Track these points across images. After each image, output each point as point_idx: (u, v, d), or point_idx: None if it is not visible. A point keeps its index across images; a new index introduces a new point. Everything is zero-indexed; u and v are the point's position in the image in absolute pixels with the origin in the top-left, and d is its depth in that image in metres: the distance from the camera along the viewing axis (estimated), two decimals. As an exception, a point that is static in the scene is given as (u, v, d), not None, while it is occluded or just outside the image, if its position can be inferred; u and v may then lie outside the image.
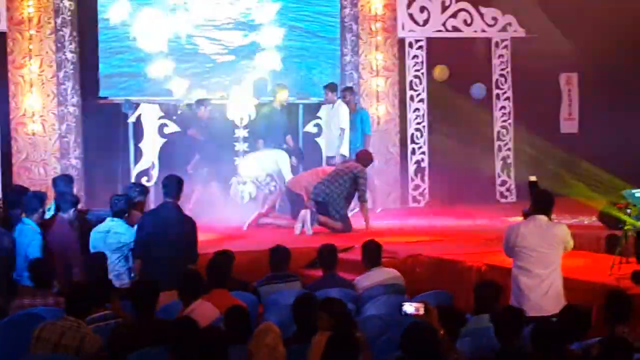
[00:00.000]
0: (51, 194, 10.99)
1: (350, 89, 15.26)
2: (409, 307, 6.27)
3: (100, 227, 9.72)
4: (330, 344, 5.79)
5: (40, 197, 9.94)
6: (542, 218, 8.16)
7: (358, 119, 14.93)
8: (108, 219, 9.73)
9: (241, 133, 14.86)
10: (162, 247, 9.24)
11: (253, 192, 13.93)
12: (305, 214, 12.85)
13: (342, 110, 14.69)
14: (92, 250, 9.51)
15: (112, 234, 9.60)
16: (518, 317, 6.49)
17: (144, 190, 10.62)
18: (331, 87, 14.86)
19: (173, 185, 9.58)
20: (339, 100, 14.75)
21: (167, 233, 9.31)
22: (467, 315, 7.52)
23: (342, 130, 14.67)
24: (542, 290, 7.94)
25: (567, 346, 6.14)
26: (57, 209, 9.98)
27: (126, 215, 9.73)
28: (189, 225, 9.49)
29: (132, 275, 9.50)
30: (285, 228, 13.23)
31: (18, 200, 10.13)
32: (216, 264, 8.63)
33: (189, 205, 12.88)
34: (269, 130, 14.50)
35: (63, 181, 10.92)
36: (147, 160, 14.84)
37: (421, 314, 6.17)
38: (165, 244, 9.26)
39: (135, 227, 9.54)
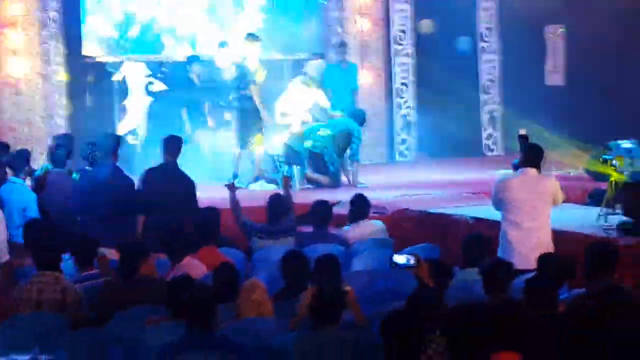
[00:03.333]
0: (37, 154, 10.95)
1: (345, 44, 15.16)
2: (400, 258, 6.26)
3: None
4: (316, 298, 5.82)
5: (25, 155, 9.91)
6: (532, 171, 8.17)
7: (351, 73, 14.83)
8: None
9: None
10: (165, 205, 9.30)
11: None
12: (293, 170, 12.84)
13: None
14: None
15: None
16: (506, 270, 6.51)
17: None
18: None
19: (174, 144, 9.67)
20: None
21: (169, 190, 9.39)
22: (455, 268, 7.56)
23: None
24: (531, 243, 7.95)
25: (556, 298, 6.16)
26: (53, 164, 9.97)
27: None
28: (189, 184, 9.62)
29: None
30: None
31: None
32: (204, 220, 8.66)
33: None
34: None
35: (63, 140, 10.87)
36: (132, 119, 14.76)
37: (412, 265, 6.18)
38: (168, 200, 9.32)
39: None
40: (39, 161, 12.67)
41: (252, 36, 13.33)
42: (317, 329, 5.68)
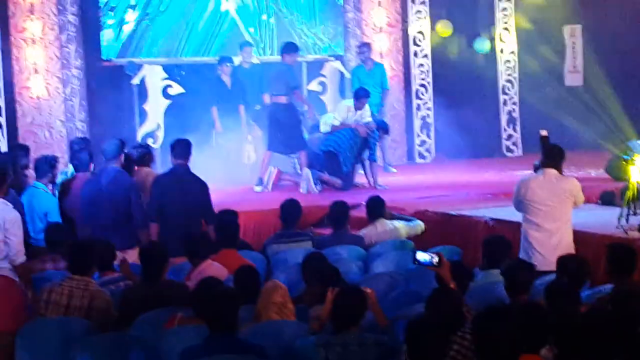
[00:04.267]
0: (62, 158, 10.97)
1: (368, 44, 15.13)
2: (423, 256, 6.24)
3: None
4: (337, 300, 5.81)
5: (50, 161, 9.94)
6: (553, 172, 8.15)
7: (378, 74, 14.80)
8: None
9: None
10: (178, 209, 9.21)
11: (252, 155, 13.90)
12: (308, 172, 12.80)
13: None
14: None
15: None
16: (528, 271, 6.50)
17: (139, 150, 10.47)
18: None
19: (182, 147, 9.50)
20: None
21: (181, 195, 9.25)
22: (476, 270, 7.54)
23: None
24: (552, 244, 7.94)
25: (579, 301, 6.13)
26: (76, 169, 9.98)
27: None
28: (202, 187, 9.42)
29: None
30: (295, 187, 13.10)
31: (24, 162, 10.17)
32: (224, 223, 8.64)
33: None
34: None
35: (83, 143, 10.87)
36: (152, 122, 14.81)
37: (435, 264, 6.16)
38: (181, 206, 9.22)
39: None
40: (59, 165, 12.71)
41: (291, 46, 13.21)
42: (339, 331, 5.67)
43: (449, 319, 5.48)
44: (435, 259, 6.14)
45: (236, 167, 13.70)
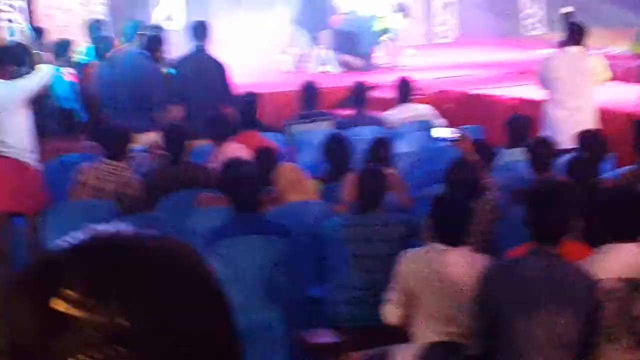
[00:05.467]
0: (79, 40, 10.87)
1: None
2: (443, 132, 6.22)
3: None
4: (359, 181, 5.80)
5: (65, 45, 9.86)
6: (576, 49, 8.05)
7: None
8: None
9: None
10: (198, 91, 9.20)
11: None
12: (327, 52, 12.71)
13: None
14: None
15: None
16: (551, 148, 6.48)
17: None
18: None
19: (201, 29, 9.47)
20: None
21: (200, 77, 9.25)
22: (498, 148, 7.51)
23: None
24: (575, 121, 7.88)
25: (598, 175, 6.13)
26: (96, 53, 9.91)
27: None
28: (220, 68, 9.42)
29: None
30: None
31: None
32: (245, 104, 8.63)
33: None
34: None
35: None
36: (166, 4, 14.63)
37: (455, 139, 6.15)
38: (201, 88, 9.21)
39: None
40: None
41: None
42: (363, 212, 5.67)
43: (467, 189, 5.51)
44: (457, 134, 6.14)
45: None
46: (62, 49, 9.74)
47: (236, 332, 1.11)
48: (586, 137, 6.81)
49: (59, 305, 1.02)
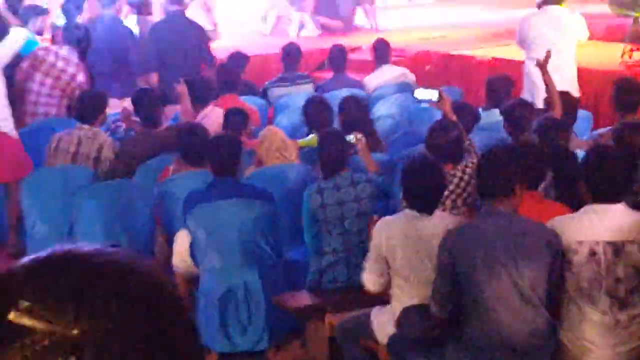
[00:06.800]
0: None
1: None
2: (423, 93, 6.21)
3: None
4: (320, 144, 5.82)
5: (36, 9, 9.73)
6: (555, 8, 8.03)
7: None
8: None
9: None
10: (177, 55, 9.16)
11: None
12: (303, 15, 12.64)
13: None
14: None
15: None
16: (527, 109, 6.47)
17: None
18: None
19: None
20: None
21: (178, 41, 9.21)
22: (479, 109, 7.51)
23: None
24: (555, 80, 7.85)
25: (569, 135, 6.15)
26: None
27: None
28: (198, 30, 9.45)
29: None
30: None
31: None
32: (225, 68, 8.60)
33: None
34: None
35: None
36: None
37: (435, 100, 6.14)
38: (180, 52, 9.18)
39: None
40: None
41: None
42: (330, 175, 5.65)
43: (449, 150, 5.52)
44: (435, 96, 6.13)
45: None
46: (34, 13, 9.60)
47: (196, 343, 1.12)
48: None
49: (16, 317, 1.03)
